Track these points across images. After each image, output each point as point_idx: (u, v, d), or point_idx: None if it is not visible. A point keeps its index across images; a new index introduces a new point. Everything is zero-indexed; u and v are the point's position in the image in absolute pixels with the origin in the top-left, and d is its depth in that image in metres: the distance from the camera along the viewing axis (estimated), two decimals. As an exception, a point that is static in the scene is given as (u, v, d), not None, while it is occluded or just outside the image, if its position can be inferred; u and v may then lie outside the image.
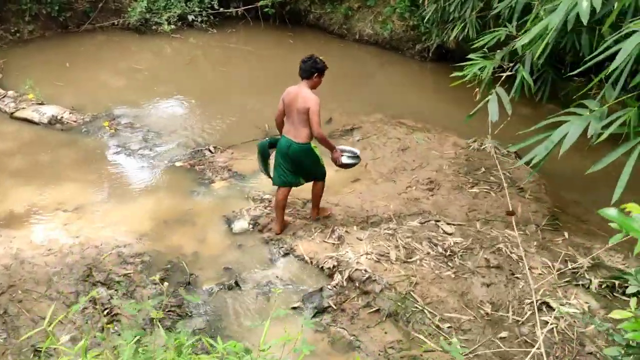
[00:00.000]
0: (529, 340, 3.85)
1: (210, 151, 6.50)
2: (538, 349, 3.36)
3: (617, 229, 1.54)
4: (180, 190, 5.78)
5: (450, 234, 4.92)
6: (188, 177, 6.04)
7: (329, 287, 4.35)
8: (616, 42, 2.71)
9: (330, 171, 6.15)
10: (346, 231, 4.96)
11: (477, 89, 4.70)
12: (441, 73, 9.95)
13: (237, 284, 4.45)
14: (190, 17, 11.44)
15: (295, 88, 4.81)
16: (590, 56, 2.96)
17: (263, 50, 11.21)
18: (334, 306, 4.20)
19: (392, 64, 10.37)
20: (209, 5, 11.56)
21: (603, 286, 4.28)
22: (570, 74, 4.29)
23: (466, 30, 7.30)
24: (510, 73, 4.60)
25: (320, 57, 4.80)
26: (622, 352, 2.14)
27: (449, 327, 3.96)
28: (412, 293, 4.20)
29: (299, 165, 4.83)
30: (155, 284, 4.41)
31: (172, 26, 11.15)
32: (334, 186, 5.94)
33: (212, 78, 9.34)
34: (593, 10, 3.05)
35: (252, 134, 7.04)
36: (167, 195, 5.70)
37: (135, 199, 5.62)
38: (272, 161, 5.09)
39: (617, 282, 4.27)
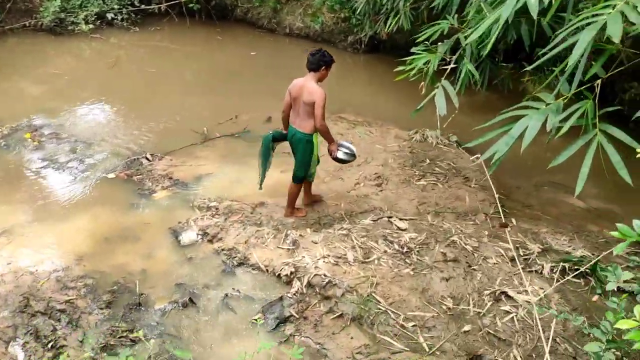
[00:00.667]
0: (491, 332, 3.88)
1: (147, 159, 6.16)
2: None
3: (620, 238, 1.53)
4: (119, 204, 5.44)
5: (404, 230, 4.91)
6: (126, 189, 5.70)
7: (288, 295, 4.21)
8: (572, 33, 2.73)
9: (277, 173, 6.02)
10: (300, 235, 4.83)
11: (423, 83, 4.68)
12: (375, 64, 10.01)
13: (191, 300, 4.23)
14: (110, 16, 10.89)
15: (301, 80, 4.82)
16: (547, 48, 2.98)
17: (190, 47, 10.84)
18: (296, 315, 4.07)
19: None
20: (129, 2, 11.05)
21: (555, 270, 4.40)
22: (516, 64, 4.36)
23: (400, 21, 7.29)
24: (454, 66, 4.61)
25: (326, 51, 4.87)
26: (603, 347, 2.14)
27: (413, 326, 3.94)
28: (374, 294, 4.14)
29: (294, 152, 4.95)
30: (102, 308, 4.12)
31: (91, 25, 10.58)
32: (281, 188, 5.79)
33: (139, 80, 8.90)
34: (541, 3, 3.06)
35: (190, 138, 6.76)
36: (105, 210, 5.34)
37: (69, 216, 5.22)
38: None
39: (567, 265, 4.40)
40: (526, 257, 4.58)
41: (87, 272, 4.48)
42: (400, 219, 5.09)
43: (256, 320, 4.05)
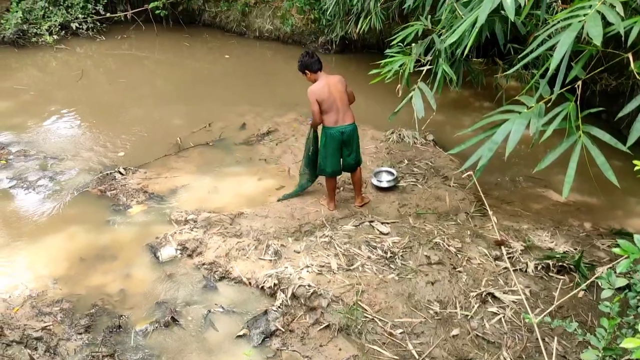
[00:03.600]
0: (479, 334, 3.86)
1: (120, 173, 6.00)
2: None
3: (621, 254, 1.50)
4: (94, 221, 5.28)
5: (386, 234, 4.86)
6: (100, 205, 5.53)
7: (273, 308, 4.13)
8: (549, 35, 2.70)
9: (254, 181, 5.93)
10: (282, 245, 4.75)
11: (399, 85, 4.63)
12: (347, 64, 9.95)
13: (173, 319, 4.11)
14: (74, 25, 10.62)
15: (327, 79, 4.94)
16: (529, 50, 2.94)
17: (159, 55, 10.66)
18: (281, 328, 3.99)
19: (297, 59, 10.14)
20: (94, 11, 10.77)
21: (539, 268, 4.40)
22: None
23: (371, 22, 7.24)
24: (429, 67, 4.57)
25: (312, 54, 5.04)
26: (599, 355, 2.11)
27: (401, 333, 3.89)
28: (360, 303, 4.08)
29: (350, 146, 5.05)
30: (81, 333, 3.98)
31: (55, 36, 10.29)
32: (258, 196, 5.71)
33: (108, 91, 8.68)
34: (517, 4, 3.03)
35: (163, 149, 6.62)
36: (79, 228, 5.18)
37: (42, 237, 5.04)
38: None
39: (550, 262, 4.40)
40: (509, 255, 4.57)
41: (63, 296, 4.33)
42: (382, 223, 5.04)
43: (241, 336, 3.97)
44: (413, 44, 4.89)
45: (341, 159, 5.14)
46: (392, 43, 4.74)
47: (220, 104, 7.91)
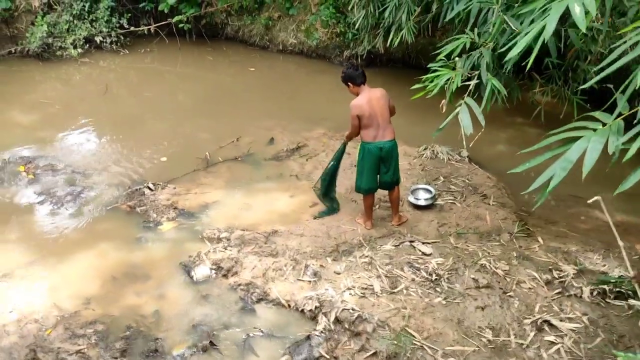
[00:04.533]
0: (537, 364, 3.64)
1: (150, 189, 5.86)
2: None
3: None
4: (124, 238, 5.14)
5: (429, 255, 4.67)
6: (130, 222, 5.39)
7: (316, 333, 3.93)
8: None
9: (286, 198, 5.77)
10: (321, 265, 4.57)
11: (444, 101, 4.46)
12: (373, 79, 9.78)
13: (212, 343, 3.93)
14: (98, 39, 10.57)
15: (369, 93, 4.81)
16: (604, 64, 2.76)
17: (182, 69, 10.60)
18: (325, 355, 3.79)
19: (321, 73, 10.07)
20: (118, 25, 10.74)
21: (594, 293, 4.17)
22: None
23: (403, 35, 7.10)
24: (477, 81, 4.40)
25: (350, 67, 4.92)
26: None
27: (453, 362, 3.68)
28: (407, 328, 3.88)
29: (388, 163, 4.92)
30: (116, 357, 3.81)
31: (79, 50, 10.25)
32: (291, 214, 5.54)
33: (133, 104, 8.60)
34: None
35: (191, 164, 6.48)
36: (109, 245, 5.03)
37: (72, 255, 4.90)
38: None
39: (607, 288, 4.18)
40: (561, 279, 4.35)
41: (96, 317, 4.17)
42: (423, 243, 4.84)
43: (283, 362, 3.78)
44: (456, 58, 4.73)
45: (378, 176, 4.98)
46: (439, 57, 4.57)
47: (246, 119, 7.78)
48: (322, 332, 3.95)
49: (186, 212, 5.53)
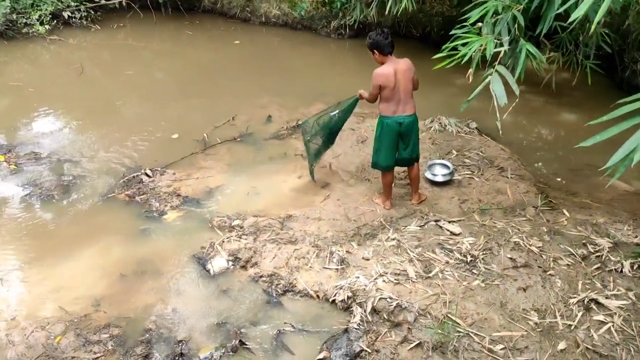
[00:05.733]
0: (589, 347, 3.45)
1: (147, 175, 5.44)
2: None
3: None
4: (127, 231, 4.74)
5: (458, 234, 4.43)
6: (131, 213, 4.99)
7: (354, 326, 3.67)
8: None
9: (294, 179, 5.46)
10: (347, 251, 4.28)
11: (470, 70, 4.17)
12: (362, 50, 9.42)
13: (242, 342, 3.63)
14: (66, 14, 9.88)
15: (395, 64, 4.46)
16: None
17: (159, 44, 10.04)
18: (367, 349, 3.54)
19: (308, 46, 9.66)
20: (87, -2, 10.05)
21: (635, 267, 4.02)
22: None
23: (404, 3, 6.75)
24: (506, 48, 4.12)
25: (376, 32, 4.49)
26: None
27: (502, 349, 3.47)
28: (450, 315, 3.65)
29: (408, 138, 4.66)
30: (139, 365, 3.48)
31: (47, 26, 9.56)
32: (303, 196, 5.23)
33: (111, 85, 8.02)
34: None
35: (187, 146, 6.06)
36: (112, 239, 4.64)
37: (72, 253, 4.49)
38: None
39: (647, 261, 4.03)
40: (598, 254, 4.18)
41: (109, 320, 3.81)
42: (449, 222, 4.61)
43: (321, 359, 3.51)
44: (479, 24, 4.43)
45: (396, 153, 4.70)
46: (468, 22, 4.26)
47: (239, 96, 7.35)
48: (359, 324, 3.69)
49: (190, 199, 5.15)
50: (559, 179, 5.53)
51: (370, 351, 3.53)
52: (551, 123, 6.64)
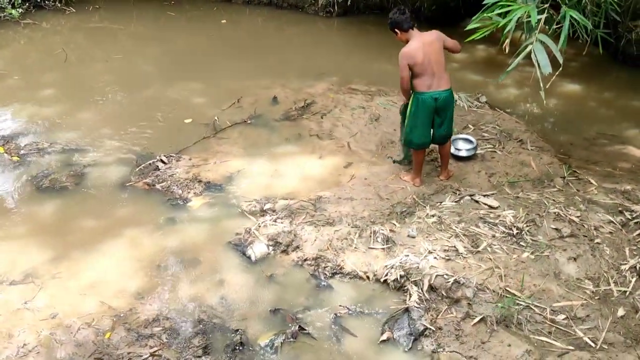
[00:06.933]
0: (647, 312, 3.51)
1: (163, 162, 5.22)
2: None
3: None
4: (153, 221, 4.53)
5: (496, 208, 4.42)
6: (153, 201, 4.77)
7: (415, 305, 3.61)
8: None
9: (315, 160, 5.36)
10: (391, 230, 4.21)
11: (507, 40, 4.12)
12: (351, 28, 9.32)
13: (301, 328, 3.53)
14: (37, -4, 9.37)
15: (421, 38, 4.36)
16: None
17: (139, 27, 9.65)
18: (431, 327, 3.49)
19: (296, 25, 9.48)
20: (59, -21, 9.55)
21: (674, 230, 4.10)
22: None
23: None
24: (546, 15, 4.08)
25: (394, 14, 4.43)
26: None
27: (565, 319, 3.48)
28: (508, 289, 3.64)
29: (444, 115, 4.56)
30: (199, 356, 3.34)
31: (20, 10, 9.04)
32: (329, 177, 5.12)
33: (98, 71, 7.58)
34: None
35: (196, 131, 5.85)
36: (139, 231, 4.42)
37: (99, 246, 4.25)
38: None
39: (686, 224, 4.12)
40: (636, 220, 4.24)
41: (157, 313, 3.63)
42: (484, 196, 4.59)
43: (386, 340, 3.45)
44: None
45: (432, 130, 4.63)
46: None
47: (239, 78, 7.13)
48: (418, 302, 3.63)
49: (213, 184, 4.97)
50: (578, 150, 5.59)
51: (434, 329, 3.48)
52: (556, 94, 6.70)
